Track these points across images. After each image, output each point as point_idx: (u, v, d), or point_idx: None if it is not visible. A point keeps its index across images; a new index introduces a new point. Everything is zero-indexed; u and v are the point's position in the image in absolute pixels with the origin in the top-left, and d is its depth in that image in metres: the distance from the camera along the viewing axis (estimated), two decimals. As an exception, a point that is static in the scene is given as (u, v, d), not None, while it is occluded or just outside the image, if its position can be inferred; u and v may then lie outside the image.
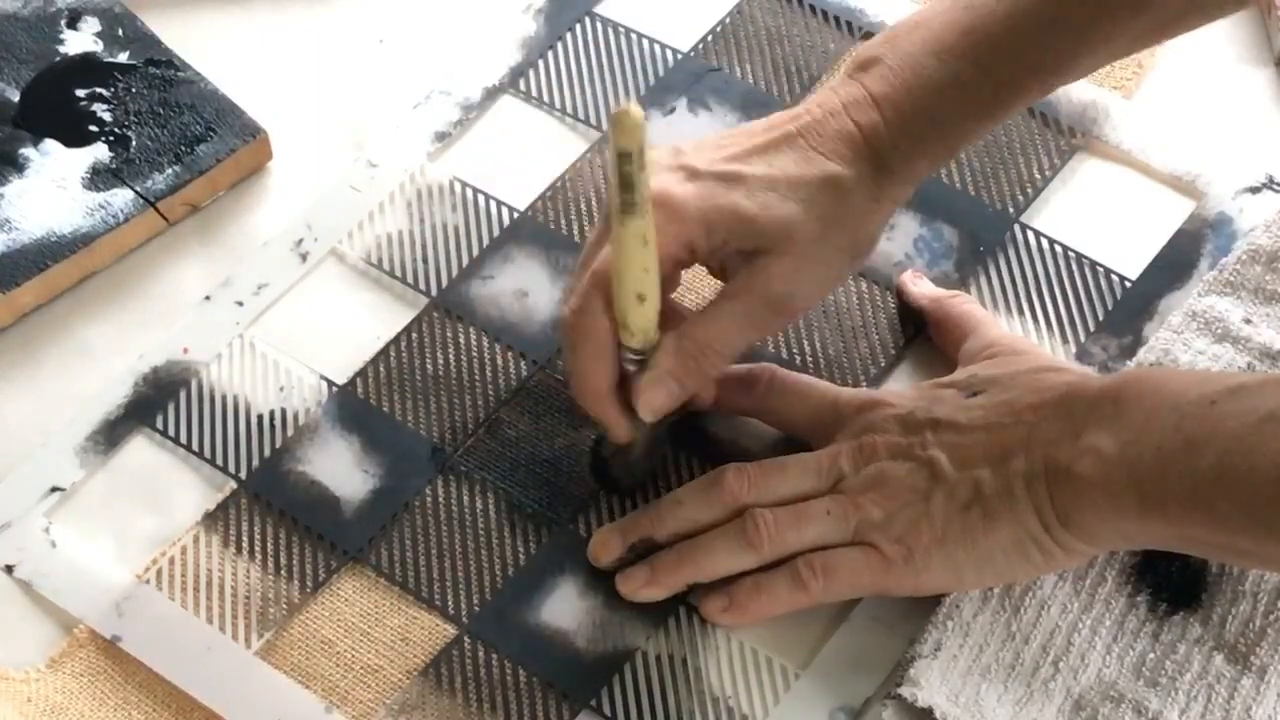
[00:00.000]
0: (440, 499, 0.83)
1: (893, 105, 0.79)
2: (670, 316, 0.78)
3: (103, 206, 0.90)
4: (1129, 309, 0.88)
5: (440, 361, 0.87)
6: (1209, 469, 0.70)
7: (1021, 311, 0.88)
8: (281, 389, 0.86)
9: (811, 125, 0.79)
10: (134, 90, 0.94)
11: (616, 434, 0.79)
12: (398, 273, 0.90)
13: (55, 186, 0.91)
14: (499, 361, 0.87)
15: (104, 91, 0.94)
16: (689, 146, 0.80)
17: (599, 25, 0.99)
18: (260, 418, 0.85)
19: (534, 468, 0.83)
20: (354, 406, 0.86)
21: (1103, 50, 0.80)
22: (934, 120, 0.79)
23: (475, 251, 0.90)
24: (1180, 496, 0.71)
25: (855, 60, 0.81)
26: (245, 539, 0.82)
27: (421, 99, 0.96)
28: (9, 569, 0.81)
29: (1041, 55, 0.79)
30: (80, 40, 0.96)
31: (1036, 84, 0.80)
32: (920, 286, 0.88)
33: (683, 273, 0.81)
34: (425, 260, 0.90)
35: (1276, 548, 0.70)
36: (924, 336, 0.87)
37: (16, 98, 0.94)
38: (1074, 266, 0.89)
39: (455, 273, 0.90)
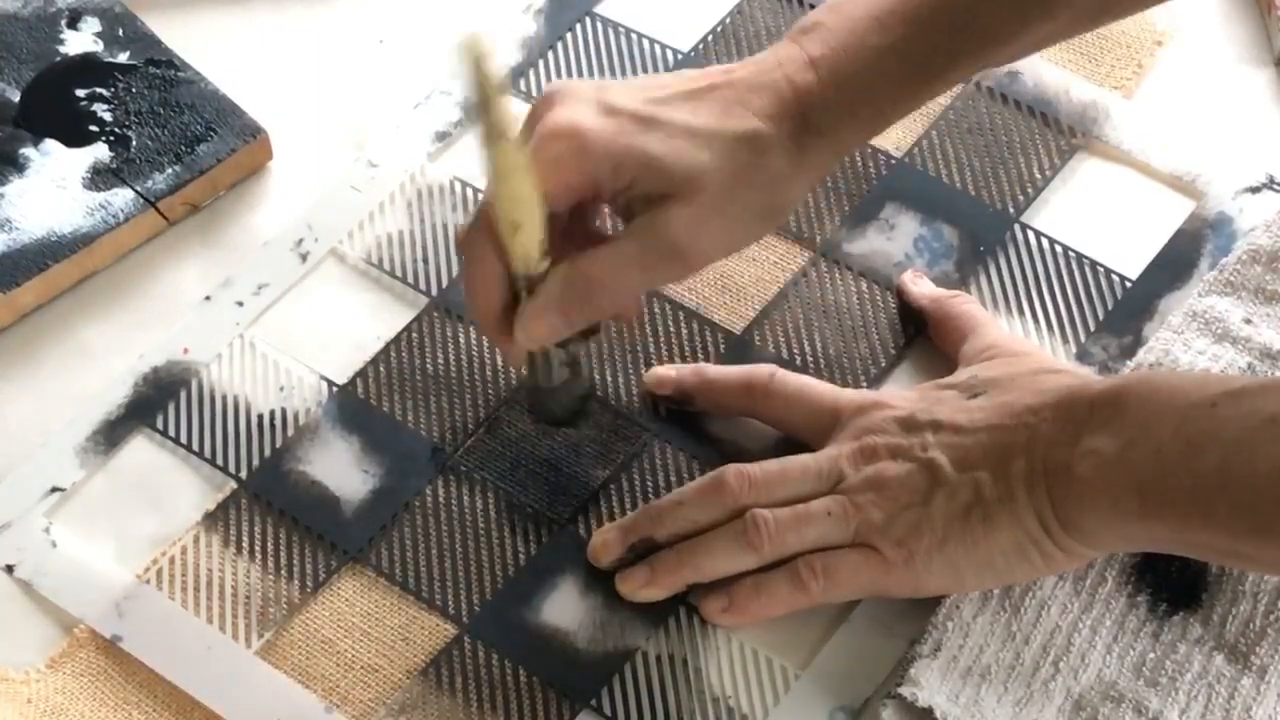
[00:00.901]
0: (440, 499, 0.83)
1: (829, 66, 0.77)
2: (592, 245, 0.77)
3: (103, 206, 0.90)
4: (1129, 309, 0.88)
5: (440, 361, 0.87)
6: (1210, 472, 0.70)
7: (1021, 311, 0.88)
8: (281, 389, 0.86)
9: (742, 79, 0.77)
10: (134, 90, 0.94)
11: (509, 356, 0.78)
12: (398, 273, 0.90)
13: (55, 186, 0.91)
14: (499, 361, 0.87)
15: (104, 91, 0.94)
16: (617, 83, 0.78)
17: (599, 25, 0.99)
18: (260, 418, 0.85)
19: (534, 468, 0.83)
20: (354, 406, 0.86)
21: (1045, 25, 0.78)
22: (868, 84, 0.77)
23: (475, 251, 0.90)
24: (1181, 500, 0.71)
25: (798, 25, 0.79)
26: (245, 539, 0.82)
27: (421, 99, 0.96)
28: (9, 569, 0.81)
29: (983, 24, 0.77)
30: (80, 40, 0.96)
31: (976, 54, 0.79)
32: (920, 286, 0.88)
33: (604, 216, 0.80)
34: (425, 260, 0.90)
35: (1277, 552, 0.70)
36: (924, 336, 0.87)
37: (17, 98, 0.94)
38: (1074, 266, 0.89)
39: (455, 272, 0.90)
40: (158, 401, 0.86)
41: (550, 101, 0.76)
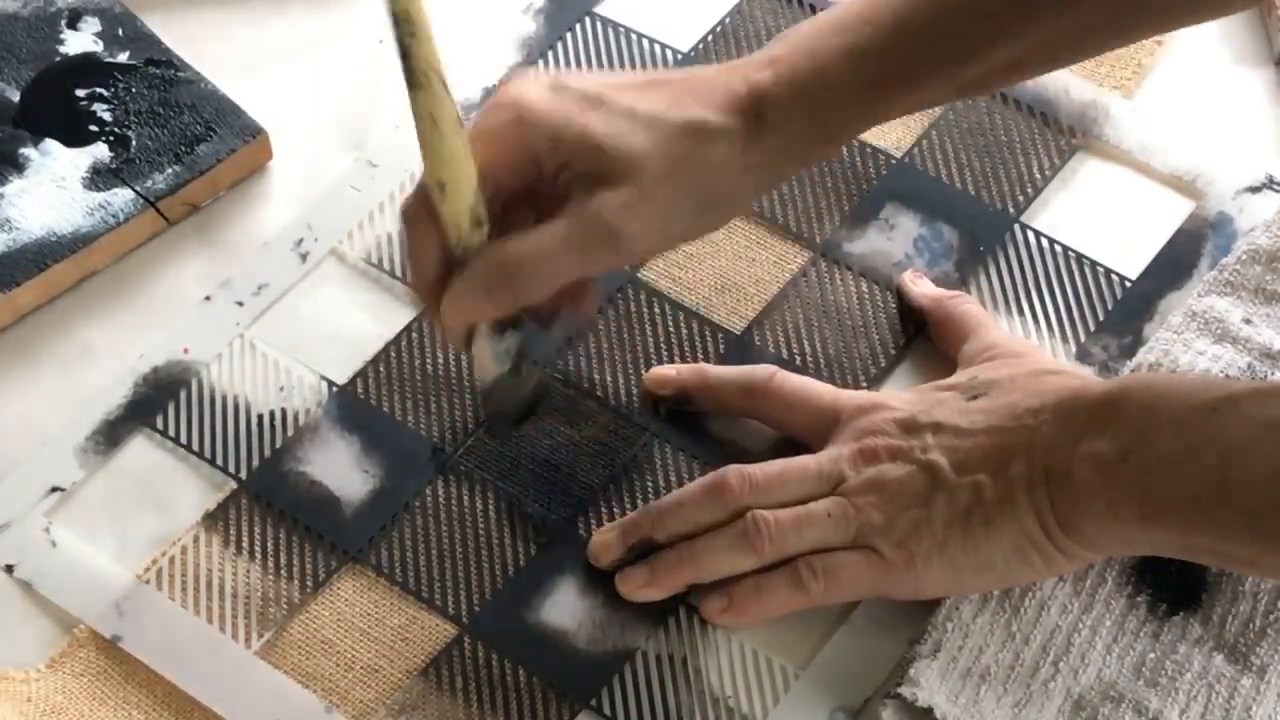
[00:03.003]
0: (440, 499, 0.83)
1: (786, 64, 0.76)
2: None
3: (103, 206, 0.90)
4: (1129, 309, 0.88)
5: (440, 361, 0.87)
6: (1209, 477, 0.70)
7: (1021, 311, 0.88)
8: (282, 389, 0.86)
9: (700, 77, 0.77)
10: (134, 90, 0.94)
11: (447, 334, 0.76)
12: (398, 273, 0.90)
13: (55, 186, 0.91)
14: (499, 361, 0.87)
15: (104, 91, 0.94)
16: (578, 74, 0.78)
17: (599, 25, 0.99)
18: (260, 418, 0.85)
19: (534, 468, 0.83)
20: (354, 406, 0.86)
21: (1013, 45, 0.76)
22: (824, 85, 0.76)
23: (475, 251, 0.90)
24: (1180, 504, 0.71)
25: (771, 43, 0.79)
26: (245, 539, 0.82)
27: (421, 99, 0.96)
28: (9, 569, 0.81)
29: (945, 49, 0.76)
30: (80, 40, 0.96)
31: (937, 70, 0.77)
32: (920, 286, 0.88)
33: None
34: (425, 260, 0.90)
35: (1276, 557, 0.70)
36: (924, 336, 0.87)
37: (16, 98, 0.94)
38: (1074, 266, 0.89)
39: (455, 272, 0.90)
40: (158, 401, 0.86)
41: (505, 84, 0.76)
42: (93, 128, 0.93)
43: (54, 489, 0.83)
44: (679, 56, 0.97)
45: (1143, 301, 0.88)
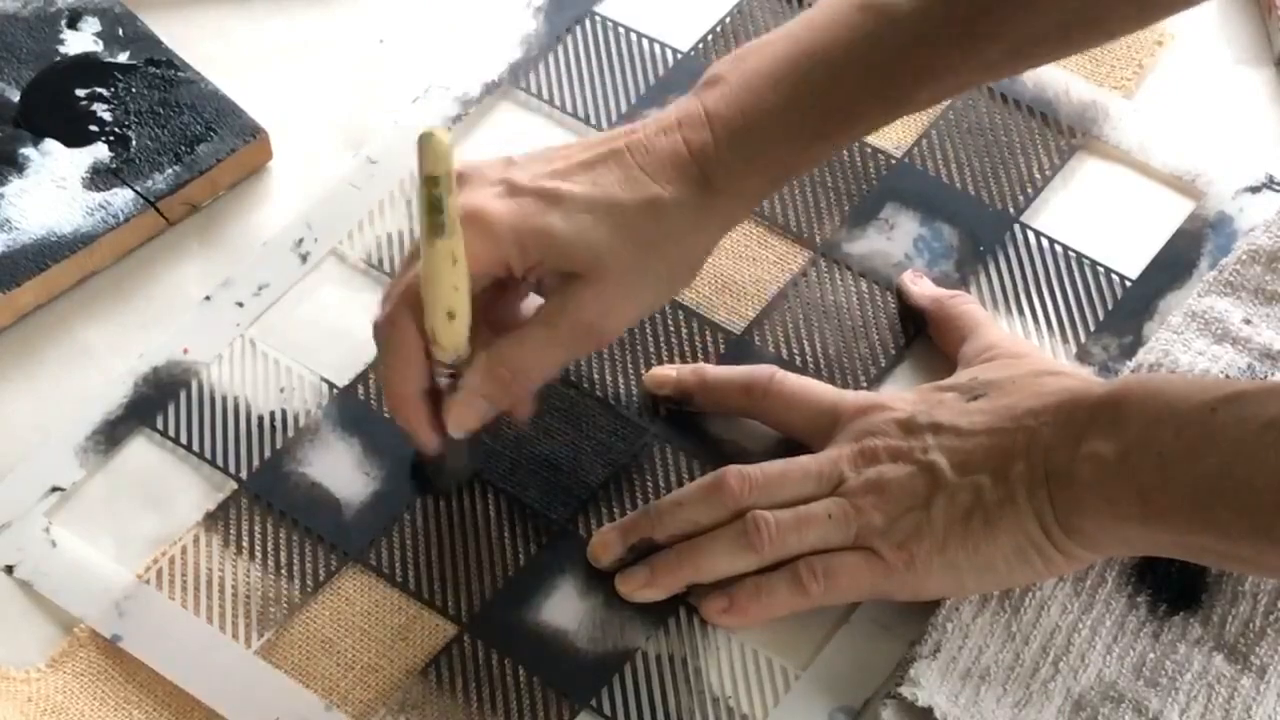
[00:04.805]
0: (440, 499, 0.83)
1: (725, 124, 0.77)
2: (502, 328, 0.78)
3: (103, 206, 0.90)
4: (1129, 309, 0.88)
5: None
6: (1209, 477, 0.70)
7: (1021, 311, 0.88)
8: (282, 390, 0.86)
9: (641, 142, 0.78)
10: (134, 90, 0.94)
11: (424, 443, 0.78)
12: (397, 273, 0.90)
13: (55, 186, 0.91)
14: (499, 361, 0.87)
15: (104, 91, 0.94)
16: (520, 158, 0.79)
17: (599, 25, 0.99)
18: (261, 419, 0.85)
19: (534, 468, 0.83)
20: (355, 409, 0.86)
21: (948, 82, 0.79)
22: (765, 141, 0.78)
23: (475, 251, 0.90)
24: (1181, 504, 0.71)
25: (704, 77, 0.80)
26: (245, 539, 0.82)
27: (420, 93, 0.96)
28: (9, 569, 0.81)
29: (880, 84, 0.78)
30: (80, 40, 0.96)
31: (875, 111, 0.79)
32: (920, 286, 0.88)
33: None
34: (425, 260, 0.90)
35: (1277, 556, 0.70)
36: (924, 336, 0.87)
37: (16, 98, 0.94)
38: (1074, 266, 0.89)
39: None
40: (158, 401, 0.86)
41: (458, 185, 0.77)
42: (93, 128, 0.93)
43: (54, 489, 0.83)
44: (679, 56, 0.97)
45: (1143, 301, 0.88)
